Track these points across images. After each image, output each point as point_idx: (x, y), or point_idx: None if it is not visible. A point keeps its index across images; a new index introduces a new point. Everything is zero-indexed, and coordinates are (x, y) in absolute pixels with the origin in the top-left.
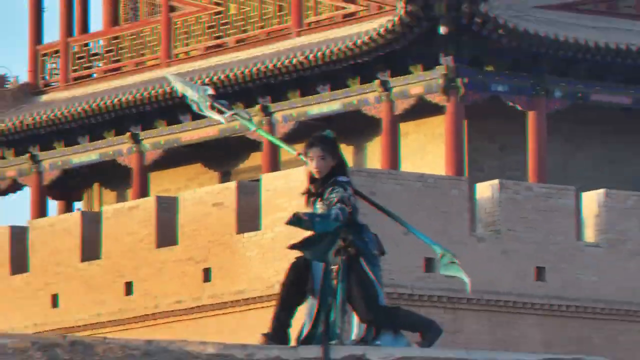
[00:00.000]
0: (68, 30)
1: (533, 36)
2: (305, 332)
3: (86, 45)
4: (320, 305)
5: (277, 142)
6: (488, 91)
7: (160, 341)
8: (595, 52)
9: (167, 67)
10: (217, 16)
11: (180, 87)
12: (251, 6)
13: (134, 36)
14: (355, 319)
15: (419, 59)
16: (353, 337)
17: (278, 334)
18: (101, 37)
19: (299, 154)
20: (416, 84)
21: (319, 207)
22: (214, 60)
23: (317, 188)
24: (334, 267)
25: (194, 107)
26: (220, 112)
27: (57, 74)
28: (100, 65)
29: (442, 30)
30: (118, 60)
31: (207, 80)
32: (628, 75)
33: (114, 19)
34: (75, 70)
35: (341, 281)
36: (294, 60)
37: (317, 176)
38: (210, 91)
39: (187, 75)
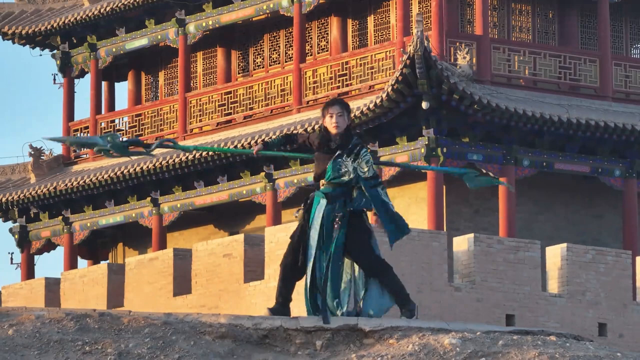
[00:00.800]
0: (97, 109)
1: (504, 111)
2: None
3: (112, 121)
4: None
5: (221, 150)
6: (464, 159)
7: (178, 313)
8: (559, 126)
9: (183, 140)
10: (227, 95)
11: (79, 144)
12: (257, 87)
13: (154, 113)
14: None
15: (404, 131)
16: (346, 308)
17: (281, 307)
18: (126, 114)
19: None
20: (401, 153)
21: (348, 162)
22: (224, 134)
23: (338, 142)
24: (339, 215)
25: (109, 155)
26: (144, 147)
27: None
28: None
29: (424, 105)
30: (140, 135)
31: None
32: (587, 147)
33: (137, 98)
34: None
35: (342, 227)
36: (295, 132)
37: (334, 131)
38: (121, 136)
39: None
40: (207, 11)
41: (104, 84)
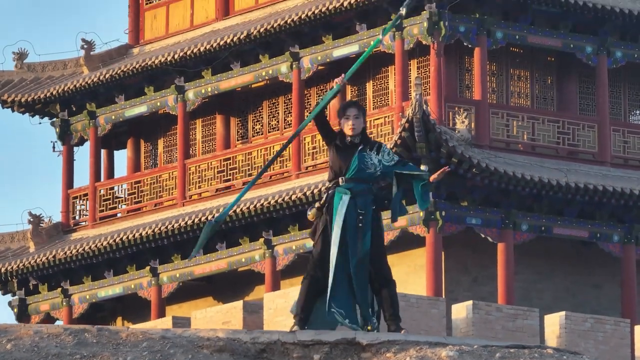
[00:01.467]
0: (96, 176)
1: (503, 175)
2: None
3: (112, 188)
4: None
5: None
6: (463, 224)
7: (177, 329)
8: (557, 190)
9: (182, 207)
10: (226, 162)
11: (204, 242)
12: (256, 153)
13: (154, 180)
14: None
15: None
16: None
17: (304, 323)
18: (125, 181)
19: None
20: (400, 216)
21: (372, 154)
22: (222, 200)
23: (358, 141)
24: (362, 213)
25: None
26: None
27: (86, 215)
28: (124, 206)
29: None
30: (139, 202)
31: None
32: (586, 211)
33: (136, 165)
34: (101, 211)
35: (367, 230)
36: (294, 197)
37: (351, 133)
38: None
39: (199, 213)
40: (206, 78)
41: (103, 151)
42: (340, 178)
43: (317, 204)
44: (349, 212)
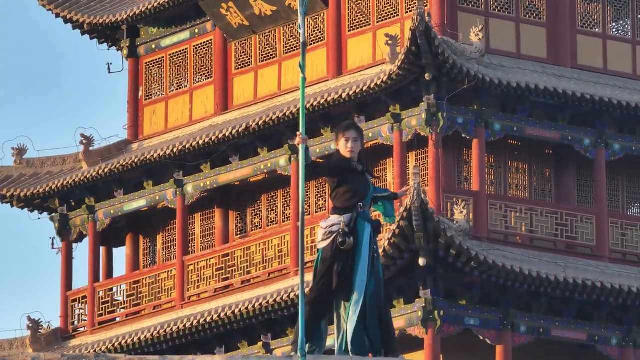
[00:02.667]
0: (95, 276)
1: (501, 269)
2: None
3: (110, 289)
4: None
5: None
6: (462, 324)
7: (174, 356)
8: (555, 287)
9: (181, 309)
10: (224, 258)
11: None
12: (255, 248)
13: (152, 280)
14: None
15: (401, 292)
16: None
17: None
18: (124, 281)
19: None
20: (399, 317)
21: (371, 181)
22: (221, 301)
23: (363, 167)
24: (375, 242)
25: None
26: None
27: (84, 319)
28: (123, 310)
29: (422, 262)
30: (138, 304)
31: (215, 317)
32: (584, 311)
33: (135, 263)
34: (100, 315)
35: (378, 259)
36: (292, 295)
37: (349, 155)
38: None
39: (197, 315)
40: (205, 172)
41: (102, 249)
42: (359, 204)
43: (345, 229)
44: (370, 243)
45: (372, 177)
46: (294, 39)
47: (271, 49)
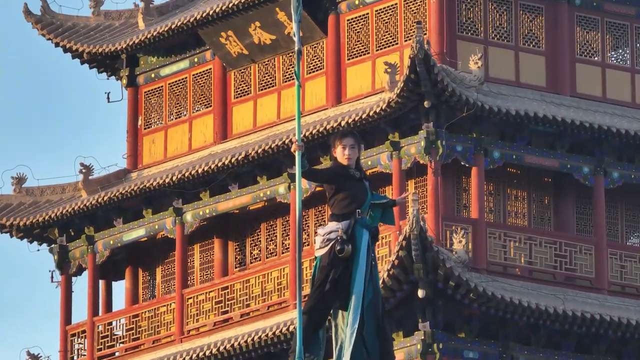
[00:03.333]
0: (94, 310)
1: (500, 301)
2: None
3: (110, 324)
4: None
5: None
6: (461, 357)
7: None
8: (554, 319)
9: (180, 343)
10: (224, 291)
11: None
12: (254, 280)
13: (152, 314)
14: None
15: (400, 325)
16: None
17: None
18: (123, 315)
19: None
20: (397, 350)
21: (368, 186)
22: (220, 335)
23: (361, 174)
24: (373, 250)
25: None
26: None
27: (84, 354)
28: (122, 344)
29: (421, 294)
30: (137, 339)
31: (214, 350)
32: (583, 344)
33: (134, 296)
34: (99, 349)
35: (376, 268)
36: (292, 328)
37: (346, 162)
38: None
39: (197, 349)
40: (205, 199)
41: (101, 282)
42: (357, 211)
43: (343, 236)
44: (368, 251)
45: (370, 182)
46: (293, 67)
47: (270, 78)
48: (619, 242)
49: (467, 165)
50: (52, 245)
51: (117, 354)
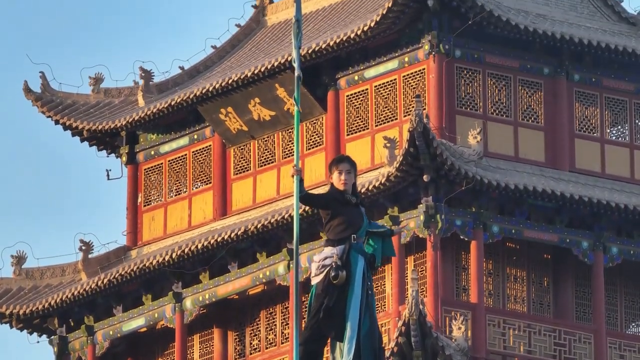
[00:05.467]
0: None
1: None
2: None
3: None
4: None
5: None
6: None
7: None
8: None
9: None
10: None
11: None
12: None
13: None
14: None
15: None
16: None
17: None
18: None
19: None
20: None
21: (365, 213)
22: None
23: (357, 199)
24: (369, 277)
25: None
26: None
27: None
28: None
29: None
30: None
31: None
32: None
33: None
34: None
35: (373, 296)
36: None
37: (342, 188)
38: None
39: None
40: (204, 282)
41: None
42: (352, 236)
43: (338, 261)
44: (363, 278)
45: (367, 208)
46: (292, 143)
47: (270, 154)
48: (618, 331)
49: (466, 239)
50: (52, 337)
51: None
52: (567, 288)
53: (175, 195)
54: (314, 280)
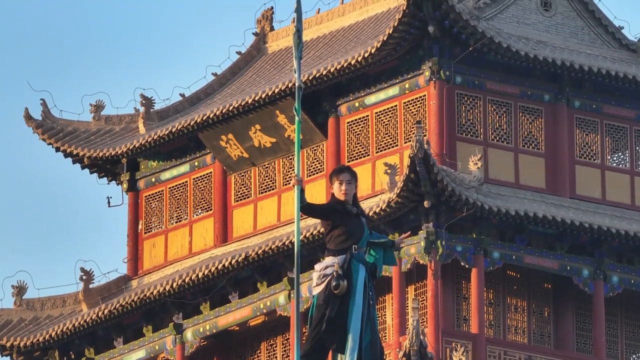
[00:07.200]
0: None
1: None
2: None
3: None
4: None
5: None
6: None
7: None
8: None
9: None
10: None
11: None
12: None
13: None
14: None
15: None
16: None
17: None
18: None
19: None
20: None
21: (365, 223)
22: None
23: (358, 210)
24: (370, 287)
25: None
26: None
27: None
28: None
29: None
30: None
31: None
32: None
33: None
34: None
35: (374, 307)
36: None
37: (343, 198)
38: None
39: None
40: (205, 313)
41: None
42: (353, 246)
43: (339, 271)
44: (365, 289)
45: (369, 219)
46: (292, 170)
47: (270, 181)
48: None
49: (467, 266)
50: None
51: None
52: (568, 318)
53: (176, 222)
54: (315, 290)
